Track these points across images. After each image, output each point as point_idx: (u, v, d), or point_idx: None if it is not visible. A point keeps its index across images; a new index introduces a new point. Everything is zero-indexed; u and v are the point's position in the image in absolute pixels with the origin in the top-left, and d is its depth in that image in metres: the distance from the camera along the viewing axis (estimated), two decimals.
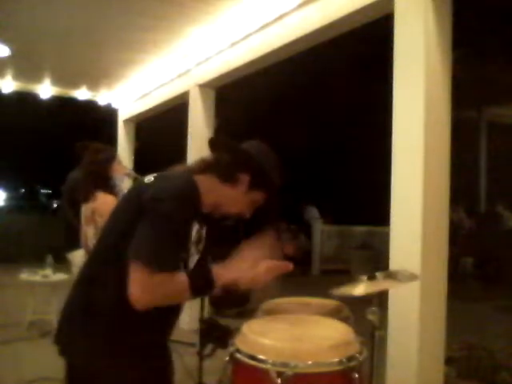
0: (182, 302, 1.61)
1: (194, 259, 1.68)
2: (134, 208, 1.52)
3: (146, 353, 1.57)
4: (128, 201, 1.62)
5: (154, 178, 1.60)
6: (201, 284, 1.51)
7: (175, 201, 1.47)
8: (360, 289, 1.72)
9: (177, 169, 1.69)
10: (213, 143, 1.74)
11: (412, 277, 2.04)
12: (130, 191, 1.67)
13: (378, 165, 5.31)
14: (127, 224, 1.49)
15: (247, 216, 1.72)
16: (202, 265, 1.67)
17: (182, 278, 1.49)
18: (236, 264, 1.56)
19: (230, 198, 1.65)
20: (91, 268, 1.62)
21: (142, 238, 1.43)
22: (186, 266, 1.59)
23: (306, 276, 10.45)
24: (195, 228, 1.61)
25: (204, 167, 1.66)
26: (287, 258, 1.67)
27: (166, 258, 1.42)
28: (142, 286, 1.39)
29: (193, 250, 1.64)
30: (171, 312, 1.65)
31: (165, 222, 1.44)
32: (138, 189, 1.61)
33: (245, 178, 1.63)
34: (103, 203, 3.19)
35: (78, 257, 3.72)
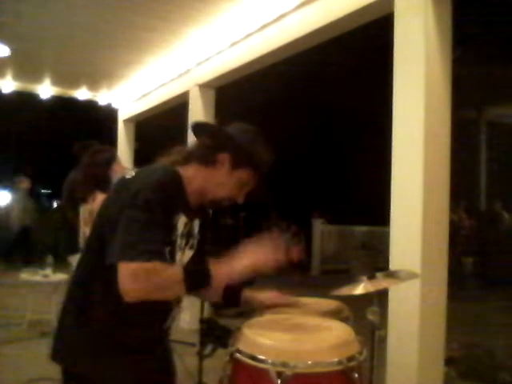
0: (175, 294, 1.55)
1: (187, 254, 1.65)
2: (115, 205, 1.49)
3: (139, 356, 1.54)
4: (110, 199, 1.59)
5: (135, 172, 1.56)
6: (196, 276, 1.47)
7: (152, 191, 1.43)
8: (360, 288, 1.72)
9: (161, 161, 1.64)
10: (194, 129, 1.70)
11: (412, 275, 2.04)
12: (113, 189, 1.62)
13: (378, 165, 5.31)
14: (109, 222, 1.46)
15: (240, 200, 1.67)
16: (198, 260, 1.64)
17: (175, 268, 1.47)
18: (236, 259, 1.52)
19: (215, 181, 1.60)
20: (80, 270, 1.60)
21: (119, 236, 1.38)
22: (172, 258, 1.55)
23: (306, 276, 10.44)
24: (182, 220, 1.56)
25: (187, 156, 1.63)
26: (292, 262, 1.66)
27: (149, 247, 1.37)
28: (132, 277, 1.34)
29: (182, 243, 1.60)
30: (162, 312, 1.63)
31: (142, 213, 1.40)
32: (119, 186, 1.58)
33: (224, 157, 1.59)
34: None
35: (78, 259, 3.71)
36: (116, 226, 1.41)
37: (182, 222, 1.57)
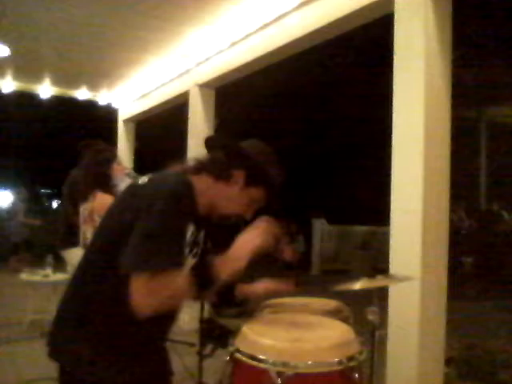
0: (185, 300, 1.57)
1: (189, 263, 1.63)
2: (126, 210, 1.47)
3: (139, 359, 1.53)
4: (121, 203, 1.57)
5: (148, 179, 1.55)
6: (203, 279, 1.49)
7: (167, 199, 1.42)
8: (360, 284, 1.72)
9: (172, 169, 1.63)
10: (208, 142, 1.70)
11: (410, 278, 2.05)
12: (124, 193, 1.61)
13: (378, 165, 5.31)
14: (120, 227, 1.45)
15: (248, 217, 1.66)
16: (200, 267, 1.63)
17: (183, 277, 1.46)
18: (235, 252, 1.54)
19: (226, 196, 1.60)
20: (84, 271, 1.57)
21: (135, 245, 1.37)
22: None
23: (305, 276, 10.44)
24: (190, 230, 1.55)
25: (199, 167, 1.61)
26: (286, 263, 1.67)
27: (162, 257, 1.37)
28: (145, 293, 1.34)
29: (186, 252, 1.58)
30: (168, 318, 1.61)
31: (157, 220, 1.39)
32: (131, 191, 1.57)
33: (240, 175, 1.58)
34: (102, 203, 3.19)
35: (73, 255, 3.71)
36: (129, 233, 1.39)
37: (189, 231, 1.55)
